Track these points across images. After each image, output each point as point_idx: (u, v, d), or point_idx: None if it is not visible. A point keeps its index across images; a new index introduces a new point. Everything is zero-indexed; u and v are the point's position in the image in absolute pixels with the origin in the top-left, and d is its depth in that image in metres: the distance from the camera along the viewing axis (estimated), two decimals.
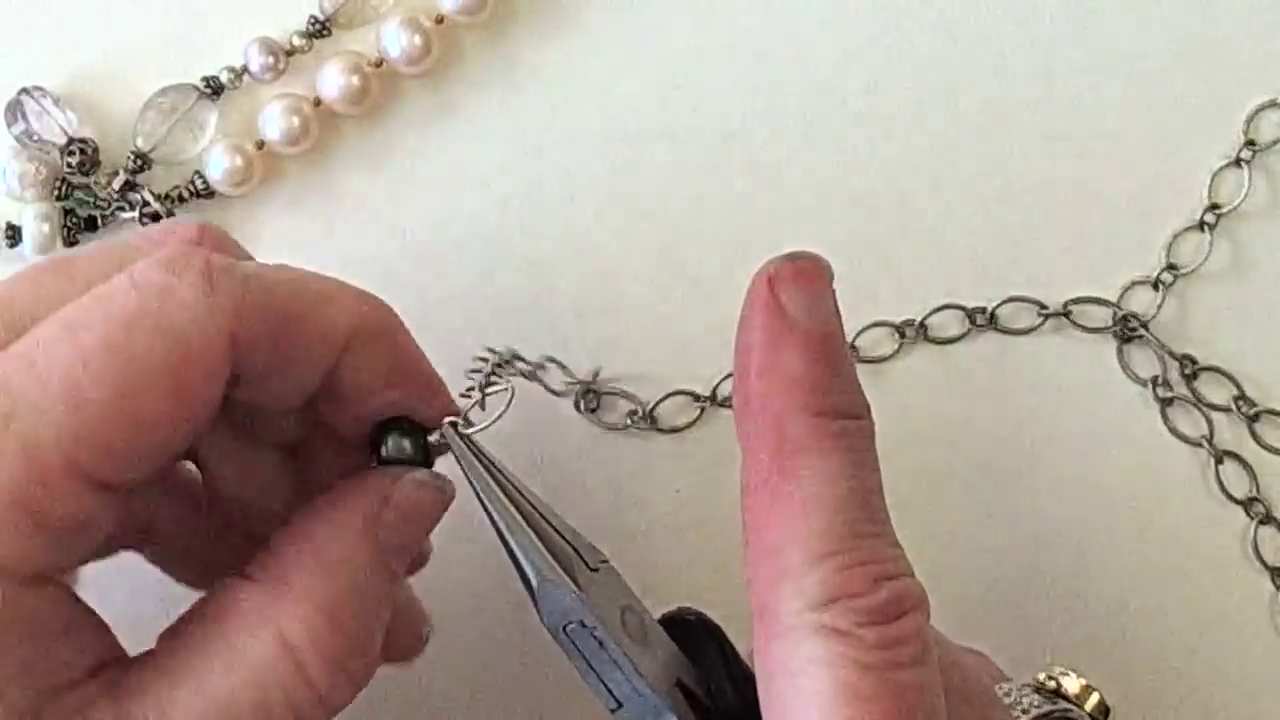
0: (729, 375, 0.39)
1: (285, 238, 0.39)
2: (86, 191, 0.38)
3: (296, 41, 0.39)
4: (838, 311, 0.30)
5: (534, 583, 0.29)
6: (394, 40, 0.39)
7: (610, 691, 0.29)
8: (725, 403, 0.39)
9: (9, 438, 0.25)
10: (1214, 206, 0.40)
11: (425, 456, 0.31)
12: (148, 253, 0.29)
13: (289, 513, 0.30)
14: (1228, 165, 0.41)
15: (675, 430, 0.39)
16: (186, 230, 0.30)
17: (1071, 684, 0.33)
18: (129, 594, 0.33)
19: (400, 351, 0.31)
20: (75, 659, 0.27)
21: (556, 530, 0.31)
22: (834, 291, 0.30)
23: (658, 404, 0.39)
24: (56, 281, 0.29)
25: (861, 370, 0.40)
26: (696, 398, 0.39)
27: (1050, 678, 0.33)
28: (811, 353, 0.29)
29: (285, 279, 0.29)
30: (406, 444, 0.30)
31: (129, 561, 0.32)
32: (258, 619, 0.28)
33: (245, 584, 0.29)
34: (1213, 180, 0.41)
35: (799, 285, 0.29)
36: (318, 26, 0.39)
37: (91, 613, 0.28)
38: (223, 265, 0.28)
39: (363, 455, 0.31)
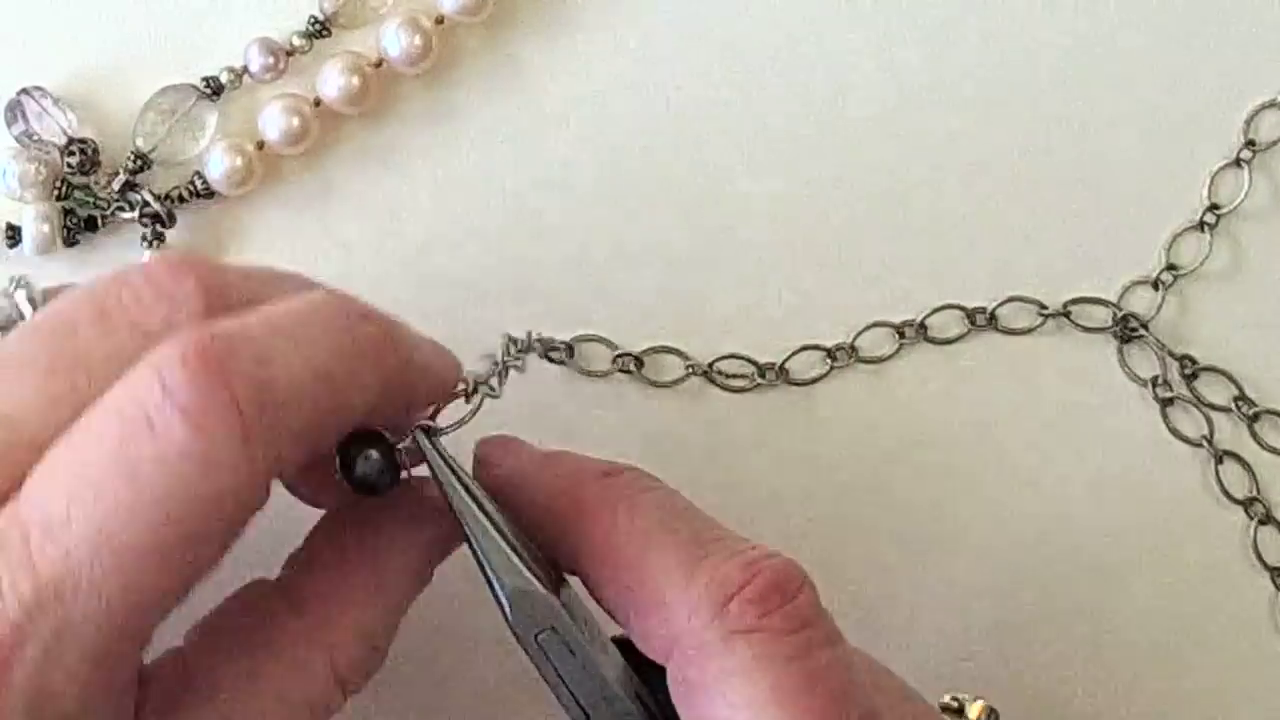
0: (723, 357, 0.39)
1: (285, 238, 0.39)
2: (86, 192, 0.38)
3: (296, 42, 0.39)
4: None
5: (507, 588, 0.29)
6: (394, 40, 0.39)
7: (578, 701, 0.29)
8: (716, 380, 0.39)
9: (73, 650, 0.24)
10: (1214, 207, 0.40)
11: (395, 470, 0.30)
12: (137, 316, 0.26)
13: None
14: (1228, 165, 0.41)
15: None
16: (179, 286, 0.27)
17: (972, 710, 0.33)
18: None
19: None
20: None
21: (525, 537, 0.30)
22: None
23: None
24: (54, 384, 0.26)
25: (861, 370, 0.40)
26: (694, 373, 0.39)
27: (954, 698, 0.33)
28: (552, 460, 0.31)
29: (314, 371, 0.26)
30: (376, 455, 0.29)
31: None
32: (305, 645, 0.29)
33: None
34: (1212, 180, 0.41)
35: (499, 451, 0.32)
36: (318, 27, 0.39)
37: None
38: (252, 397, 0.25)
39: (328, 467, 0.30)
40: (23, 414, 0.26)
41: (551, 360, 0.39)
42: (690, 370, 0.39)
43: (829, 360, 0.40)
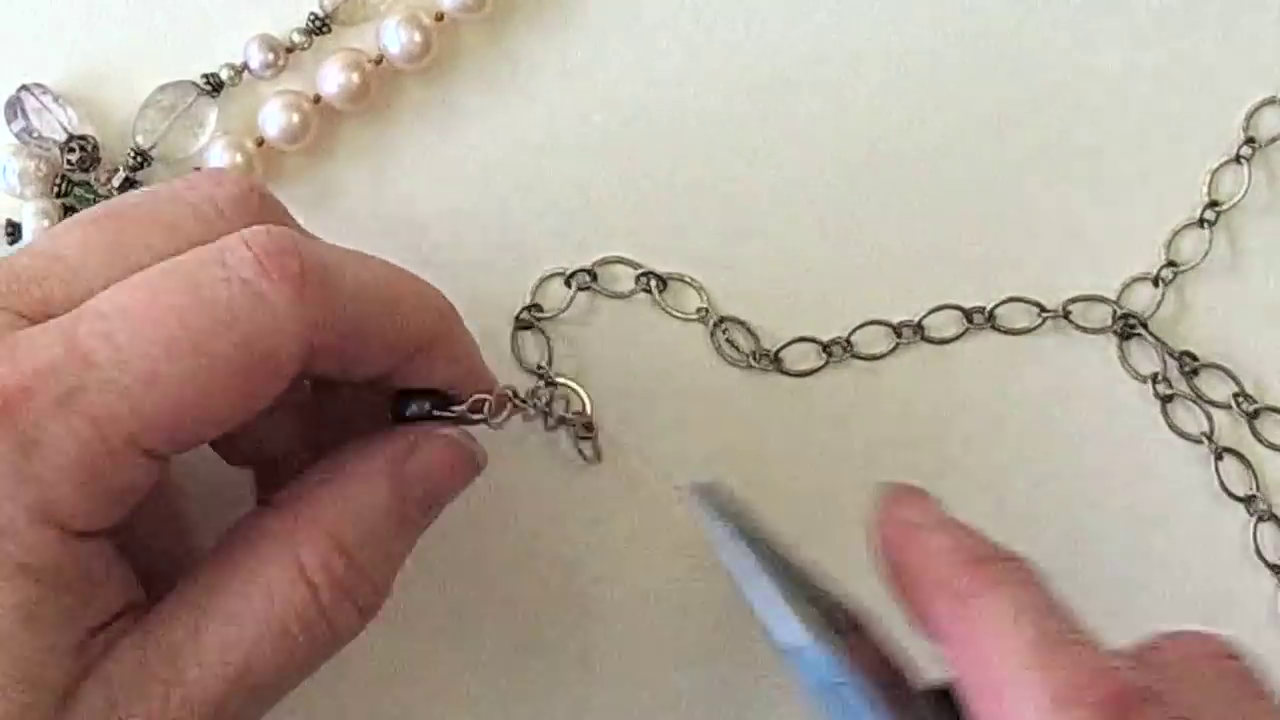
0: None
1: None
2: (87, 188, 0.39)
3: (296, 38, 0.39)
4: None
5: (795, 643, 0.28)
6: (394, 37, 0.39)
7: None
8: (731, 362, 0.40)
9: (85, 409, 0.27)
10: (1214, 203, 0.40)
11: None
12: (195, 205, 0.30)
13: (303, 466, 0.32)
14: (1227, 162, 0.41)
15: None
16: (235, 184, 0.31)
17: None
18: None
19: (459, 354, 0.33)
20: (111, 602, 0.28)
21: (813, 585, 0.29)
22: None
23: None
24: (105, 235, 0.30)
25: (858, 369, 0.40)
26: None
27: None
28: (953, 531, 0.30)
29: (369, 283, 0.30)
30: (428, 406, 0.32)
31: None
32: (276, 546, 0.30)
33: (267, 512, 0.30)
34: (1212, 177, 0.41)
35: (907, 503, 0.32)
36: (318, 23, 0.39)
37: (122, 559, 0.29)
38: (315, 269, 0.29)
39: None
40: (61, 250, 0.29)
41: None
42: None
43: (824, 355, 0.40)
